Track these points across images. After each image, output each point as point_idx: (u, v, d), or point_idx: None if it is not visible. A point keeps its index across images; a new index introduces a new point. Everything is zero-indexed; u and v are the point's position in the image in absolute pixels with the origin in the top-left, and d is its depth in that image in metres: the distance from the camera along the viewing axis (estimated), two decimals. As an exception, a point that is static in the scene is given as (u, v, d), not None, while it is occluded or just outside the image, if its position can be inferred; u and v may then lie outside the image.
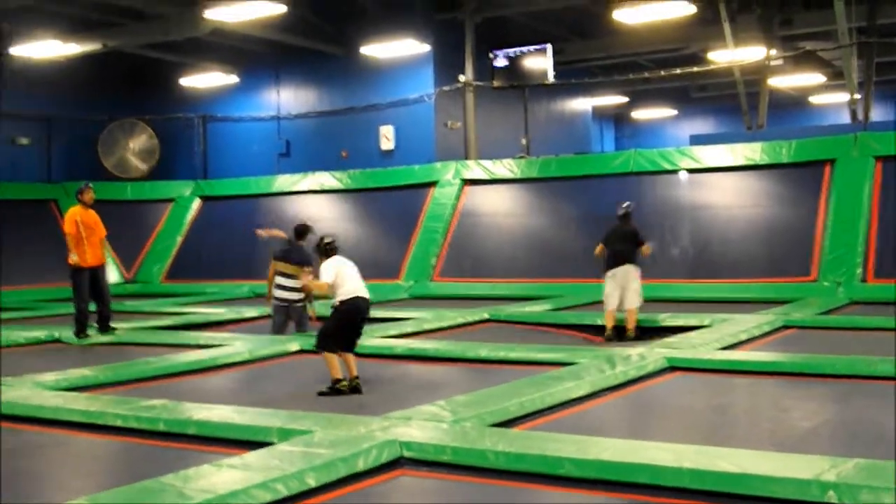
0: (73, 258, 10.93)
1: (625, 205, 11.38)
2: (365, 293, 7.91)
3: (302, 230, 10.71)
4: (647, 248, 11.07)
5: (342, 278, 7.85)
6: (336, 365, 7.59)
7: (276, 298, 10.61)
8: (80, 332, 10.99)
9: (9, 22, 18.04)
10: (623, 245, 10.90)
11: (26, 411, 6.71)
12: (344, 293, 7.80)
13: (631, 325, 10.57)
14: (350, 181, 18.83)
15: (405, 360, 9.09)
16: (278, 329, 10.66)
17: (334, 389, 7.48)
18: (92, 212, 11.19)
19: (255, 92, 22.13)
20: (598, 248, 11.23)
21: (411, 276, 16.69)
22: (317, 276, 8.24)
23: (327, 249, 8.01)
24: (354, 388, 7.51)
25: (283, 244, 10.93)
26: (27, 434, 6.36)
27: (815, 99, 28.77)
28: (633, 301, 10.66)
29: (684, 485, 4.59)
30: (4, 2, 15.77)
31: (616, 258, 10.82)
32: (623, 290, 10.68)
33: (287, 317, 10.66)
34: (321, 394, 7.47)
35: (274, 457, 5.03)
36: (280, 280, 10.52)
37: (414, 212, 17.64)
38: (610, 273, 10.81)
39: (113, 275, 18.85)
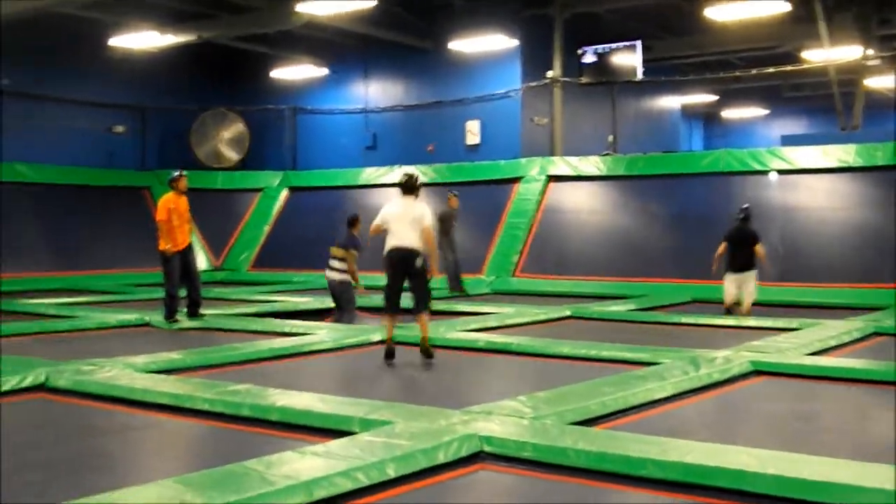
0: (164, 244, 11.19)
1: (744, 206, 12.23)
2: (402, 242, 7.60)
3: (352, 220, 12.38)
4: (760, 250, 11.89)
5: (387, 225, 7.69)
6: (387, 327, 7.62)
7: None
8: (170, 316, 11.23)
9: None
10: (744, 248, 11.77)
11: (117, 392, 6.87)
12: (389, 244, 7.71)
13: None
14: (436, 175, 18.88)
15: (487, 353, 9.08)
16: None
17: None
18: (184, 198, 11.42)
19: (344, 85, 22.33)
20: (721, 248, 11.96)
21: (494, 271, 16.69)
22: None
23: (399, 186, 7.98)
24: (426, 353, 7.51)
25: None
26: (117, 414, 6.52)
27: (913, 100, 27.90)
28: (748, 301, 11.76)
29: (767, 491, 4.49)
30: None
31: (736, 261, 11.78)
32: (740, 290, 11.79)
33: (333, 293, 12.17)
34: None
35: (356, 446, 5.07)
36: (329, 261, 12.12)
37: (498, 207, 17.63)
38: (731, 277, 11.82)
39: (202, 262, 19.24)
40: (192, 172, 18.69)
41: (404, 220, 7.65)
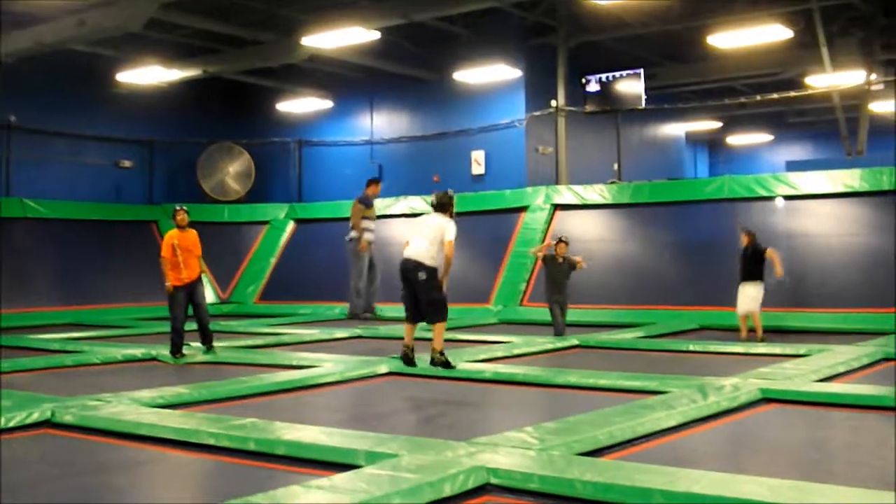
0: (168, 280, 11.21)
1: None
2: (410, 254, 7.71)
3: (370, 181, 15.63)
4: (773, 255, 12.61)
5: (408, 236, 7.83)
6: (406, 332, 7.69)
7: None
8: (176, 352, 11.19)
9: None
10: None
11: (123, 427, 6.84)
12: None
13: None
14: (441, 205, 18.86)
15: (493, 384, 9.03)
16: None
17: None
18: (191, 232, 11.41)
19: (350, 117, 22.43)
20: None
21: (501, 300, 16.64)
22: None
23: (431, 204, 8.17)
24: (431, 361, 7.56)
25: None
26: (123, 450, 6.48)
27: (917, 125, 27.90)
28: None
29: (779, 521, 4.43)
30: (114, 31, 16.29)
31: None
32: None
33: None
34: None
35: (361, 479, 5.02)
36: None
37: (504, 236, 17.62)
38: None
39: (209, 294, 19.25)
40: (200, 206, 18.65)
41: (420, 233, 7.80)
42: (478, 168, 20.31)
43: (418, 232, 7.71)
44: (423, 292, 7.57)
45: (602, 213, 17.38)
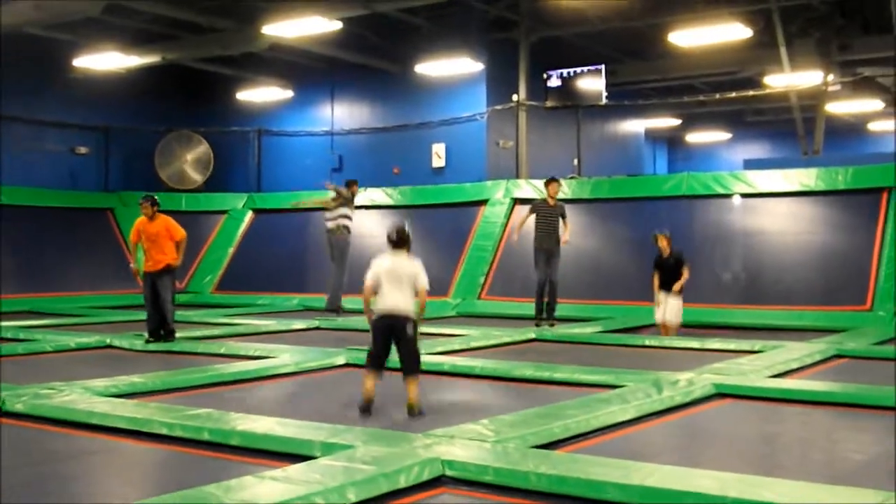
0: (132, 266, 11.42)
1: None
2: (393, 307, 7.15)
3: (349, 182, 15.22)
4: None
5: (379, 284, 7.32)
6: (364, 383, 7.19)
7: None
8: (149, 336, 11.25)
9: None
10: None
11: (75, 416, 6.77)
12: (377, 306, 7.30)
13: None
14: (401, 197, 18.87)
15: (451, 376, 9.05)
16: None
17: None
18: (160, 221, 11.31)
19: (310, 107, 22.33)
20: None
21: (459, 293, 16.66)
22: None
23: (389, 241, 7.35)
24: (410, 412, 7.04)
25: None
26: (75, 439, 6.42)
27: (873, 126, 28.35)
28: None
29: (730, 514, 4.48)
30: (72, 15, 16.08)
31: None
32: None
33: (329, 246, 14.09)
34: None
35: (315, 471, 5.01)
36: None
37: (464, 229, 17.63)
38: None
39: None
40: (157, 194, 18.52)
41: (395, 281, 7.26)
42: (438, 161, 20.31)
43: (390, 280, 7.22)
44: (406, 345, 7.19)
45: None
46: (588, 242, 16.82)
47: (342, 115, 21.90)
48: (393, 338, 7.22)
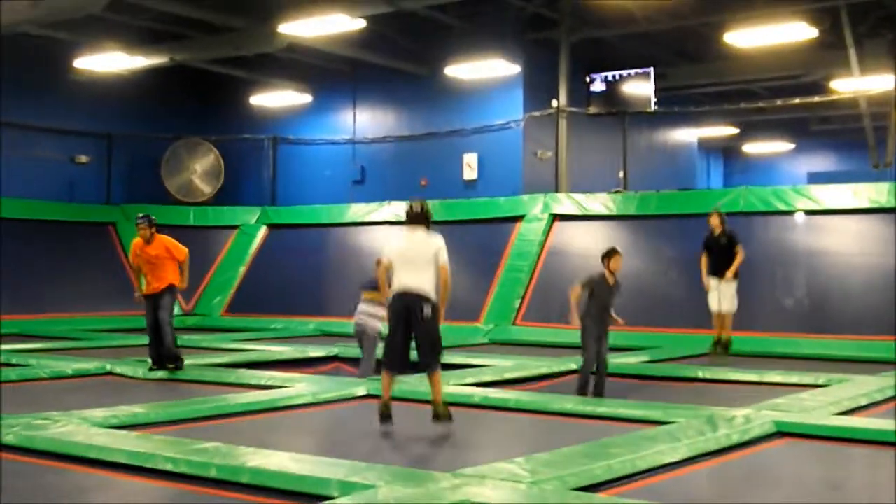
0: (136, 294, 11.63)
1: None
2: (409, 286, 7.04)
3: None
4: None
5: (395, 264, 7.21)
6: (383, 385, 7.13)
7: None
8: (152, 363, 11.33)
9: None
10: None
11: (72, 449, 6.80)
12: (393, 286, 7.23)
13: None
14: (429, 212, 18.86)
15: (482, 409, 9.03)
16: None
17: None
18: (158, 242, 11.32)
19: (330, 113, 22.44)
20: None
21: (492, 318, 16.65)
22: None
23: (406, 217, 7.32)
24: (436, 416, 6.95)
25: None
26: (71, 474, 6.45)
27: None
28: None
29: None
30: (72, 13, 16.26)
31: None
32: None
33: (359, 339, 11.56)
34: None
35: (333, 512, 5.02)
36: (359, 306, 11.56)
37: (497, 248, 17.63)
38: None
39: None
40: (163, 207, 18.63)
41: (412, 258, 7.15)
42: (470, 172, 20.33)
43: (406, 258, 7.08)
44: (426, 333, 7.01)
45: (605, 225, 17.39)
46: (634, 263, 16.73)
47: (365, 121, 21.98)
48: (410, 321, 7.08)
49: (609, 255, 11.57)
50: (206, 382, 10.70)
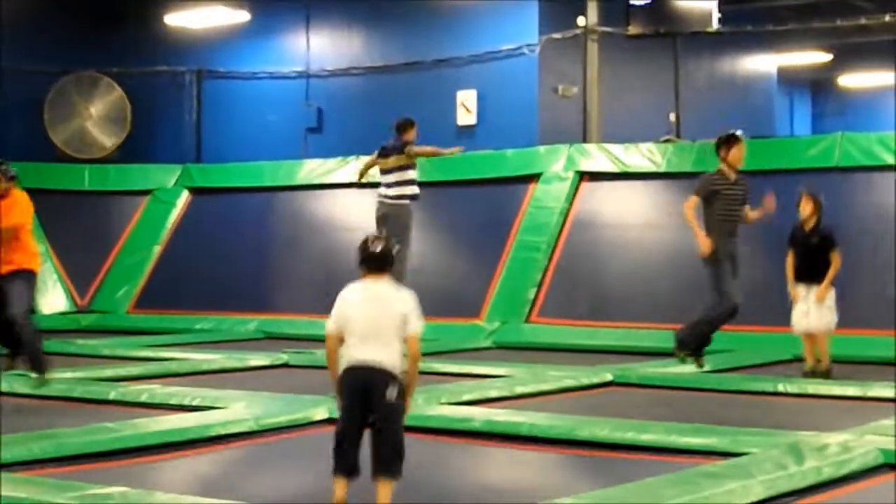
0: None
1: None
2: (366, 358, 6.82)
3: (402, 124, 14.78)
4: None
5: (345, 326, 7.10)
6: (338, 488, 6.99)
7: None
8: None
9: None
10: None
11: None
12: (344, 359, 7.09)
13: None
14: (411, 171, 18.86)
15: (485, 438, 9.03)
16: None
17: None
18: (13, 197, 11.30)
19: (275, 37, 22.40)
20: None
21: (498, 314, 16.65)
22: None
23: (362, 263, 7.19)
24: None
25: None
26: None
27: None
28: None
29: None
30: None
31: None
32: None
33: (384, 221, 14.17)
34: None
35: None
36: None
37: (504, 219, 17.62)
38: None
39: (60, 300, 19.16)
40: (46, 165, 18.51)
41: (373, 322, 7.07)
42: (466, 116, 20.30)
43: (363, 321, 7.02)
44: (386, 421, 6.92)
45: (651, 185, 17.40)
46: (691, 238, 16.73)
47: (322, 48, 21.92)
48: (368, 405, 6.97)
49: (728, 142, 12.11)
50: (108, 402, 10.66)
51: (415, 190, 14.57)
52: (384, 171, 14.60)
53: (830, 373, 12.22)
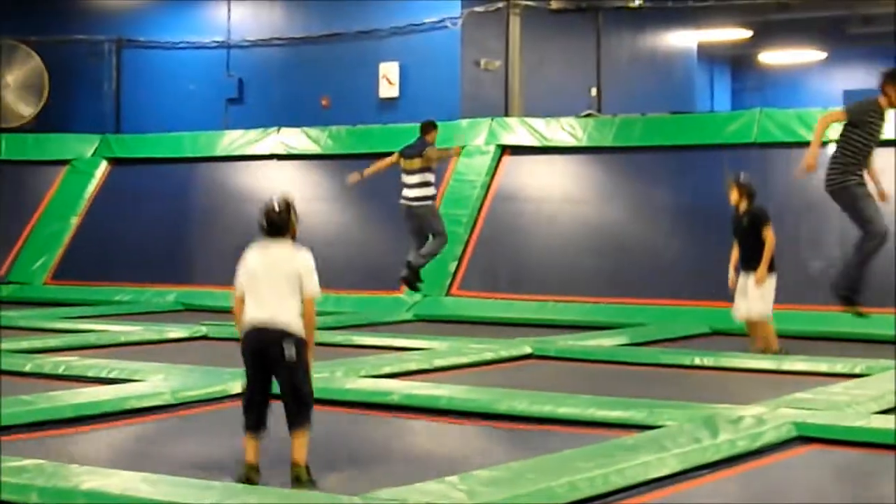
0: None
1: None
2: (263, 317, 7.04)
3: (426, 126, 15.56)
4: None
5: (248, 290, 7.19)
6: (246, 448, 7.06)
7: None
8: None
9: None
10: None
11: None
12: (244, 319, 7.22)
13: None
14: (332, 143, 18.81)
15: (404, 411, 9.06)
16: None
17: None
18: None
19: (195, 6, 22.23)
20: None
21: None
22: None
23: (261, 227, 7.28)
24: (296, 480, 6.99)
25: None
26: None
27: None
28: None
29: None
30: None
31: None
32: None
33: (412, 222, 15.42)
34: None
35: (200, 551, 5.03)
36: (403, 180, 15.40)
37: (425, 191, 17.63)
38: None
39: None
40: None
41: (269, 281, 7.13)
42: (389, 88, 20.27)
43: (264, 279, 7.10)
44: (288, 379, 7.00)
45: (572, 160, 17.45)
46: (611, 212, 16.85)
47: (243, 18, 21.79)
48: (268, 365, 7.06)
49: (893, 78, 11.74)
50: (24, 374, 10.59)
51: (433, 191, 15.61)
52: (407, 172, 15.45)
53: (782, 352, 12.09)
